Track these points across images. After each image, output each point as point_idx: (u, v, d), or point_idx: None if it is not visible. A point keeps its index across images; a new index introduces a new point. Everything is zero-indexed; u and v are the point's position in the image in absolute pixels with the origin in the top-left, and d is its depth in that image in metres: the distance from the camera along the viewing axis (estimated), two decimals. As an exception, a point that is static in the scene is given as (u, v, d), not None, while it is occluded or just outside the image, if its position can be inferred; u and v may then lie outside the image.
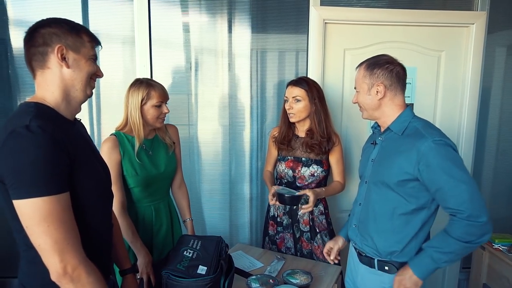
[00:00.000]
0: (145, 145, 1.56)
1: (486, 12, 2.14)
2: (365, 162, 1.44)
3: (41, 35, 0.92)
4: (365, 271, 1.39)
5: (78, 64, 0.95)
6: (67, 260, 0.85)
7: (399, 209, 1.27)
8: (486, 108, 2.29)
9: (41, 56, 0.92)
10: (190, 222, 1.76)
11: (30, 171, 0.81)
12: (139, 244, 1.47)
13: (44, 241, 0.83)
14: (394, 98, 1.30)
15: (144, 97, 1.49)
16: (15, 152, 0.81)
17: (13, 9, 2.03)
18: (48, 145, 0.83)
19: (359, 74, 1.34)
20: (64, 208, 0.85)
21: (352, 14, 2.11)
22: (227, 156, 2.23)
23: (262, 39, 2.14)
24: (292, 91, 1.73)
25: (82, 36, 0.96)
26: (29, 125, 0.83)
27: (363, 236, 1.38)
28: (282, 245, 1.83)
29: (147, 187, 1.55)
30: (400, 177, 1.23)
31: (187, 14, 2.10)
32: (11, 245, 0.96)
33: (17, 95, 2.10)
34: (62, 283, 0.86)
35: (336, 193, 1.81)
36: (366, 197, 1.40)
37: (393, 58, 1.32)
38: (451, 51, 2.22)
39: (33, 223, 0.83)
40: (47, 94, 0.94)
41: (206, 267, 1.23)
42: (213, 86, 2.16)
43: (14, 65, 2.07)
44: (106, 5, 2.05)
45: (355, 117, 2.25)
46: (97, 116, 2.16)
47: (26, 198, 0.81)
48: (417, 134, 1.23)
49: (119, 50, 2.09)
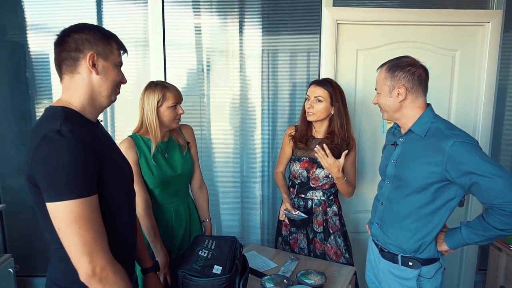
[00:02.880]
0: (160, 147, 1.58)
1: (502, 11, 2.11)
2: (386, 162, 1.44)
3: (74, 40, 0.94)
4: (387, 266, 1.40)
5: (106, 71, 0.98)
6: (95, 261, 0.87)
7: (424, 209, 1.28)
8: (502, 108, 2.24)
9: (72, 61, 0.95)
10: (209, 222, 1.79)
11: (63, 175, 0.84)
12: (160, 245, 1.50)
13: (74, 242, 0.86)
14: (415, 101, 1.30)
15: (160, 99, 1.52)
16: (48, 157, 0.84)
17: (31, 14, 2.08)
18: (79, 149, 0.86)
19: (380, 76, 1.33)
20: (93, 210, 0.89)
21: (365, 14, 2.10)
22: (238, 157, 2.24)
23: (274, 40, 2.14)
24: (315, 91, 1.72)
25: (112, 43, 0.99)
26: (60, 129, 0.86)
27: (386, 234, 1.39)
28: (296, 245, 1.83)
29: (165, 188, 1.57)
30: (427, 179, 1.24)
31: (199, 16, 2.12)
32: (33, 244, 0.99)
33: (34, 97, 2.16)
34: (91, 283, 0.89)
35: (347, 192, 1.76)
36: (389, 197, 1.39)
37: (415, 60, 1.31)
38: (466, 50, 2.19)
39: (65, 224, 0.86)
40: (74, 98, 0.97)
41: (221, 267, 1.24)
42: (225, 87, 2.18)
43: (32, 69, 2.13)
44: (120, 9, 2.08)
45: (367, 118, 2.23)
46: (111, 118, 2.20)
47: (59, 201, 0.85)
48: (440, 134, 1.23)
49: (132, 52, 2.13)
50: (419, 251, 1.32)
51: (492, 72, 2.16)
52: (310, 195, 1.79)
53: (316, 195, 1.79)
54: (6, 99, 2.16)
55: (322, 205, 1.79)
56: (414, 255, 1.33)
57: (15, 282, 2.05)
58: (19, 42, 2.11)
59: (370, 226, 1.51)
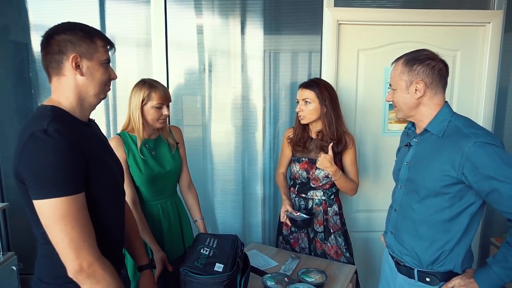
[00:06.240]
0: (148, 145, 1.60)
1: (503, 11, 2.11)
2: (399, 165, 1.33)
3: (57, 43, 0.94)
4: (403, 282, 1.29)
5: (92, 71, 0.98)
6: (83, 257, 0.88)
7: (441, 215, 1.17)
8: (503, 109, 2.25)
9: (57, 64, 0.95)
10: (201, 221, 1.79)
11: (48, 174, 0.85)
12: (149, 240, 1.51)
13: (61, 239, 0.87)
14: (433, 97, 1.19)
15: (145, 97, 1.53)
16: (34, 155, 0.86)
17: (34, 14, 2.09)
18: (64, 149, 0.87)
19: (396, 70, 1.21)
20: (80, 207, 0.90)
21: (366, 14, 2.11)
22: (240, 157, 2.25)
23: (275, 40, 2.15)
24: (303, 94, 1.75)
25: (96, 41, 0.98)
26: (47, 129, 0.87)
27: (401, 244, 1.28)
28: (296, 245, 1.84)
29: (152, 185, 1.59)
30: (443, 182, 1.13)
31: (201, 17, 2.13)
32: (36, 243, 1.00)
33: (37, 97, 2.17)
34: (79, 279, 0.90)
35: (348, 189, 1.76)
36: (402, 203, 1.29)
37: (434, 53, 1.20)
38: (467, 50, 2.19)
39: (51, 222, 0.87)
40: (62, 99, 0.98)
41: (223, 265, 1.25)
42: (226, 87, 2.19)
43: (35, 69, 2.14)
44: (123, 9, 2.10)
45: (368, 118, 2.24)
46: (113, 117, 2.21)
47: (44, 199, 0.86)
48: (459, 133, 1.12)
49: (135, 52, 2.14)
50: (437, 262, 1.19)
51: (493, 73, 2.17)
52: (311, 195, 1.80)
53: (316, 195, 1.80)
54: (9, 98, 2.17)
55: (323, 205, 1.80)
56: (432, 268, 1.20)
57: (19, 280, 2.06)
58: (22, 42, 2.12)
59: (384, 236, 1.40)
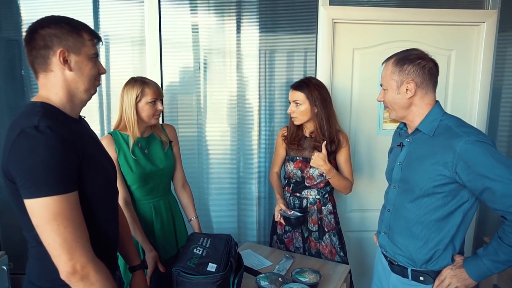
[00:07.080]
0: (140, 143, 1.59)
1: (497, 11, 2.12)
2: (391, 165, 1.34)
3: (42, 37, 0.90)
4: (397, 281, 1.29)
5: (80, 66, 0.94)
6: (76, 258, 0.85)
7: (434, 214, 1.18)
8: (497, 108, 2.26)
9: (43, 59, 0.91)
10: (196, 220, 1.78)
11: (40, 171, 0.82)
12: (140, 239, 1.50)
13: (53, 239, 0.83)
14: (424, 97, 1.20)
15: (138, 94, 1.53)
16: (25, 153, 0.82)
17: (25, 10, 2.07)
18: (57, 145, 0.84)
19: (387, 70, 1.22)
20: (73, 207, 0.86)
21: (361, 13, 2.11)
22: (235, 156, 2.24)
23: (271, 39, 2.14)
24: (293, 95, 1.74)
25: (83, 35, 0.95)
26: (38, 125, 0.83)
27: (395, 244, 1.29)
28: (291, 244, 1.83)
29: (144, 184, 1.57)
30: (436, 182, 1.14)
31: (196, 15, 2.11)
32: (26, 243, 0.98)
33: (29, 95, 2.14)
34: (72, 281, 0.86)
35: (343, 187, 1.75)
36: (395, 203, 1.29)
37: (424, 52, 1.20)
38: (461, 50, 2.20)
39: (43, 222, 0.83)
40: (51, 95, 0.94)
41: (216, 265, 1.24)
42: (221, 86, 2.18)
43: (27, 66, 2.09)
44: (117, 6, 2.07)
45: (363, 118, 2.24)
46: (107, 116, 2.19)
47: (36, 198, 0.82)
48: (450, 133, 1.13)
49: (129, 50, 2.12)
50: (431, 261, 1.20)
51: (487, 72, 2.18)
52: (305, 193, 1.80)
53: (311, 194, 1.79)
54: (0, 96, 2.14)
55: (317, 204, 1.79)
56: (425, 267, 1.21)
57: (9, 280, 2.03)
58: (14, 39, 2.09)
59: (377, 236, 1.41)
